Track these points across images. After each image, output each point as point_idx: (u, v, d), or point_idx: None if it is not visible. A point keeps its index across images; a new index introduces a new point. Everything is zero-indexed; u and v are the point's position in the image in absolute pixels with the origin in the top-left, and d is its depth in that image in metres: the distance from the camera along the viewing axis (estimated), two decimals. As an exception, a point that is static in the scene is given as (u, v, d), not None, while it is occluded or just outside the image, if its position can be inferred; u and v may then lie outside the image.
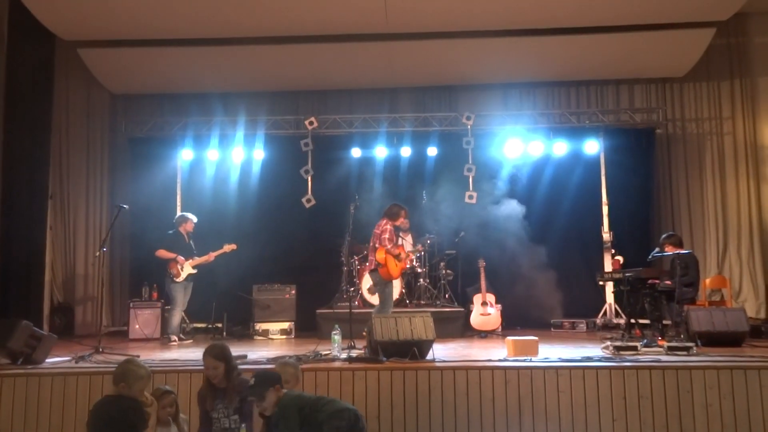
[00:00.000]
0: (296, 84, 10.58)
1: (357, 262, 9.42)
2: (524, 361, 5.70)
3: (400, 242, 8.62)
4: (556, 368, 5.41)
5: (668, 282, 7.83)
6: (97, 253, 7.57)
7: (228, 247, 8.54)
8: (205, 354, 4.51)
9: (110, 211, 10.02)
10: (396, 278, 7.72)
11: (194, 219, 8.86)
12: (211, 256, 8.60)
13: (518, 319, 9.63)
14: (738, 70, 10.29)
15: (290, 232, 9.88)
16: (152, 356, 6.59)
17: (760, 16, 10.07)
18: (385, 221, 7.53)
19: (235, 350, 6.61)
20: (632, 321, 8.12)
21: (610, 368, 5.37)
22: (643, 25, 9.22)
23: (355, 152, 10.20)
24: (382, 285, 7.44)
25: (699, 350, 6.24)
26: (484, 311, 8.90)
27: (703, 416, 5.15)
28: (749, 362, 5.47)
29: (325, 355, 6.16)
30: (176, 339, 8.35)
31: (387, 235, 7.42)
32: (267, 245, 9.83)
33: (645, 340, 6.60)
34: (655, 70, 10.27)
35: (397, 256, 7.45)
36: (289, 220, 9.88)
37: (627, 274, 8.03)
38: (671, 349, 6.12)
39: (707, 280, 9.30)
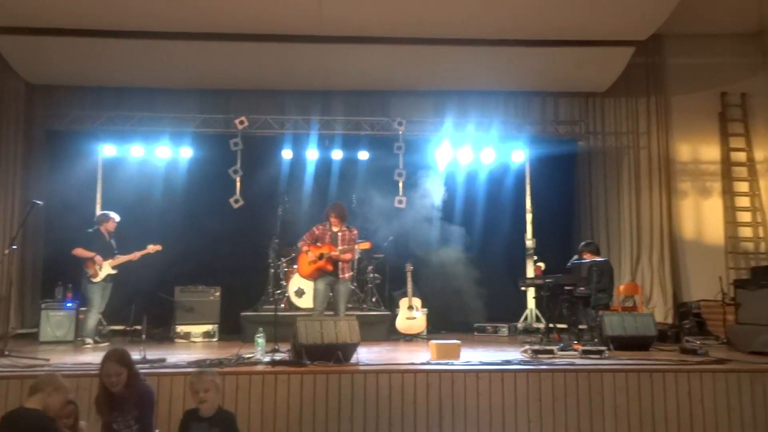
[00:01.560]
0: (227, 82, 10.43)
1: (284, 265, 9.35)
2: (446, 364, 5.81)
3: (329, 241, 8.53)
4: (477, 371, 5.55)
5: (585, 288, 8.16)
6: (6, 251, 7.20)
7: (152, 248, 8.29)
8: (105, 360, 4.16)
9: (23, 207, 9.56)
10: (304, 276, 7.68)
11: (116, 218, 8.56)
12: (136, 255, 8.33)
13: (443, 322, 9.81)
14: (654, 88, 10.84)
15: (217, 232, 9.73)
16: (64, 359, 6.35)
17: (675, 38, 10.67)
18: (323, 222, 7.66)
19: (154, 353, 6.48)
20: (551, 325, 8.42)
21: (527, 371, 5.56)
22: (568, 41, 9.60)
23: (286, 154, 10.14)
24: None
25: (611, 354, 6.54)
26: (410, 315, 9.01)
27: (612, 417, 5.41)
28: (655, 365, 5.78)
29: (248, 358, 6.10)
30: (91, 342, 8.06)
31: (310, 232, 7.53)
32: (192, 246, 9.65)
33: (562, 344, 6.85)
34: (578, 85, 10.70)
35: (319, 257, 7.44)
36: (216, 220, 9.72)
37: (547, 280, 8.32)
38: (585, 353, 6.38)
39: (621, 287, 9.74)
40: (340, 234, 7.53)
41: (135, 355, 5.93)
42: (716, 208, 10.69)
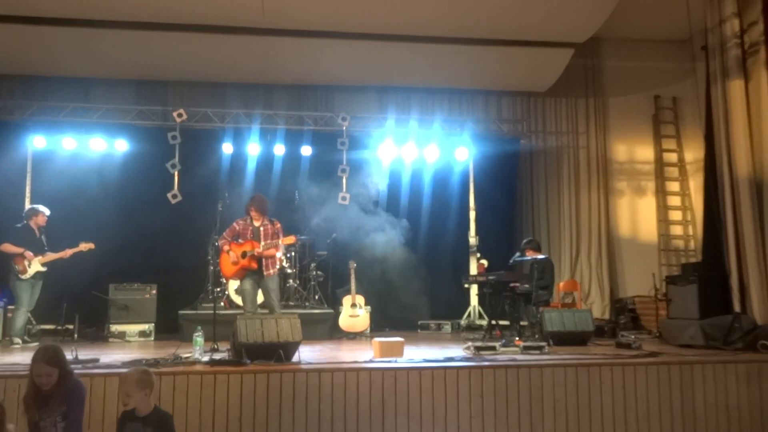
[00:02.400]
0: (165, 74, 10.18)
1: (225, 262, 9.22)
2: (390, 362, 5.82)
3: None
4: (420, 369, 5.58)
5: (526, 285, 8.33)
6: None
7: (85, 246, 7.97)
8: (35, 359, 4.03)
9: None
10: (228, 277, 7.54)
11: (46, 212, 8.23)
12: (67, 252, 8.02)
13: (387, 320, 9.85)
14: (592, 90, 11.19)
15: (153, 229, 9.50)
16: (-10, 360, 6.06)
17: (612, 42, 11.04)
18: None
19: (87, 353, 6.26)
20: (493, 322, 8.55)
21: (469, 368, 5.61)
22: (510, 41, 9.78)
23: (226, 148, 9.98)
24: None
25: (551, 349, 6.69)
26: (353, 313, 9.00)
27: (551, 411, 5.53)
28: (592, 360, 5.93)
29: (186, 358, 5.97)
30: (20, 341, 7.73)
31: (230, 228, 7.39)
32: (127, 242, 9.41)
33: (503, 341, 6.96)
34: (520, 84, 10.92)
35: (242, 255, 7.25)
36: (153, 216, 9.49)
37: (490, 278, 8.44)
38: (526, 349, 6.50)
39: (561, 284, 10.00)
40: (262, 228, 7.33)
41: (67, 355, 5.77)
42: (650, 206, 11.11)
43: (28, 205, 8.97)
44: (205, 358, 5.91)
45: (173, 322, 8.66)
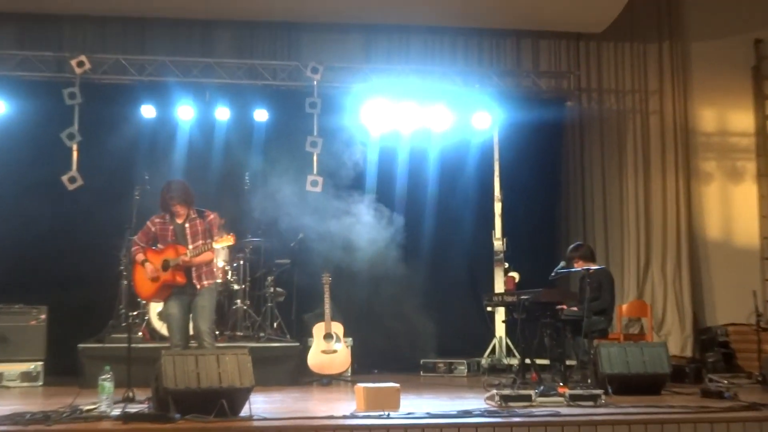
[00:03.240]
0: (59, 5, 10.13)
1: (144, 274, 9.19)
2: (380, 417, 5.79)
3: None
4: (423, 426, 5.54)
5: (575, 308, 8.32)
6: None
7: None
8: None
9: None
10: (146, 298, 7.50)
11: None
12: None
13: (375, 358, 9.84)
14: (668, 31, 11.21)
15: (42, 226, 9.47)
16: None
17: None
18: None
19: None
20: (527, 361, 8.55)
21: (494, 425, 5.58)
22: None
23: (147, 111, 9.97)
24: None
25: (609, 399, 6.68)
26: (328, 347, 8.99)
27: (610, 486, 5.54)
28: (668, 414, 5.93)
29: (89, 411, 5.93)
30: None
31: (144, 230, 7.30)
32: (5, 244, 9.38)
33: (542, 387, 6.95)
34: (565, 22, 10.92)
35: (163, 267, 7.07)
36: (41, 208, 9.43)
37: (523, 297, 8.42)
38: (574, 399, 6.51)
39: (624, 307, 9.98)
40: (188, 226, 7.23)
41: None
42: (749, 196, 11.17)
43: None
44: (116, 412, 5.89)
45: (70, 360, 8.55)
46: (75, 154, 9.50)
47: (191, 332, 7.36)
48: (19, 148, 9.76)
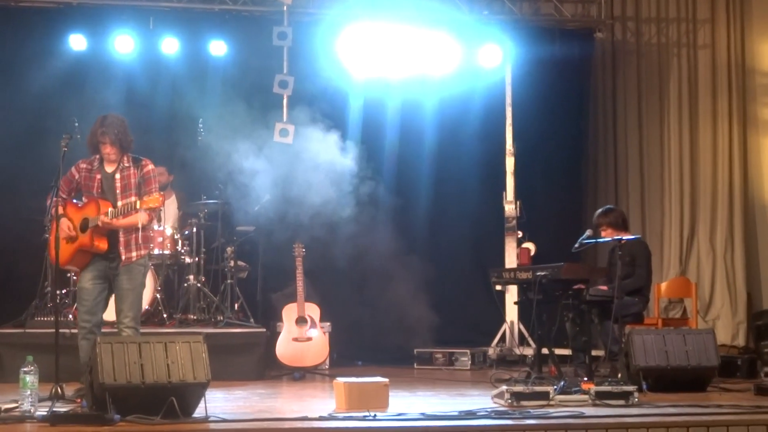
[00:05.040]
0: None
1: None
2: (364, 418, 5.83)
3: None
4: (416, 429, 5.63)
5: (603, 287, 8.38)
6: None
7: None
8: None
9: None
10: (62, 264, 7.08)
11: None
12: None
13: (359, 348, 10.00)
14: (722, -57, 11.21)
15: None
16: None
17: None
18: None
19: None
20: (545, 351, 8.63)
21: (503, 429, 5.64)
22: None
23: (76, 42, 10.02)
24: None
25: (644, 397, 6.76)
26: (301, 334, 9.05)
27: (644, 500, 5.64)
28: (715, 415, 5.98)
29: (8, 410, 5.97)
30: None
31: (67, 176, 7.03)
32: None
33: (562, 383, 7.02)
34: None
35: (81, 227, 6.82)
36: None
37: (539, 273, 8.47)
38: (601, 397, 6.56)
39: (663, 285, 10.06)
40: (119, 177, 6.96)
41: None
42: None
43: None
44: (42, 412, 5.92)
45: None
46: (-13, 97, 9.52)
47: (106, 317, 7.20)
48: None
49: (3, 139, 9.54)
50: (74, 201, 7.05)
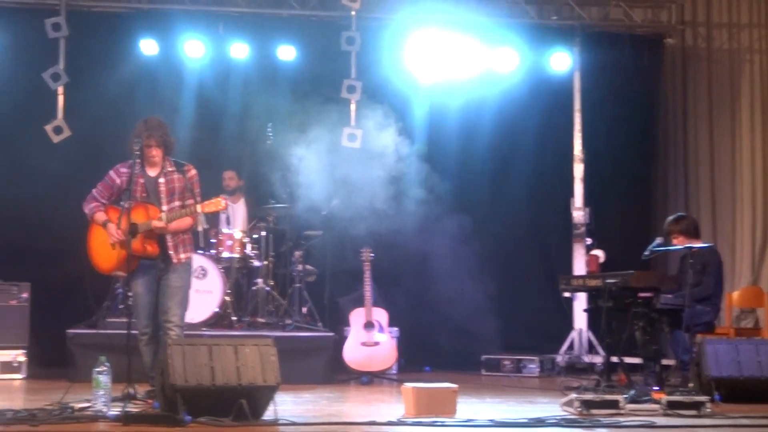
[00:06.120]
0: None
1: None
2: (433, 424, 5.88)
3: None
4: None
5: (673, 295, 8.33)
6: None
7: None
8: None
9: None
10: (106, 271, 7.10)
11: None
12: None
13: (427, 353, 10.02)
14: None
15: (23, 185, 9.69)
16: None
17: None
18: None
19: None
20: (614, 359, 8.61)
21: (573, 437, 5.72)
22: None
23: (147, 47, 10.14)
24: None
25: (716, 408, 6.70)
26: (369, 338, 9.09)
27: None
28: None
29: (82, 410, 6.09)
30: None
31: (106, 181, 7.08)
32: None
33: (633, 391, 7.01)
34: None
35: (130, 232, 6.66)
36: (21, 163, 9.68)
37: (609, 281, 8.46)
38: (673, 407, 6.53)
39: (735, 295, 9.99)
40: (162, 181, 6.97)
41: None
42: None
43: None
44: (114, 411, 6.01)
45: (58, 348, 8.78)
46: (61, 99, 9.68)
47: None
48: (-8, 90, 9.94)
49: (76, 142, 9.68)
50: (117, 206, 6.94)
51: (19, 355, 8.83)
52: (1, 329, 8.86)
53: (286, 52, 10.34)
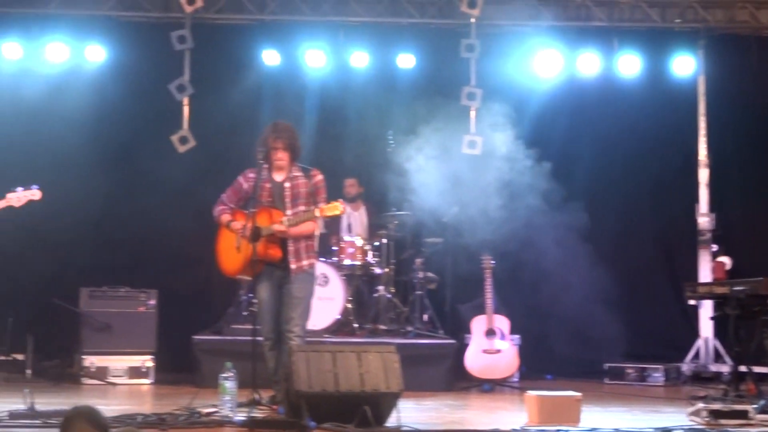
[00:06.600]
0: None
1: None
2: (557, 432, 5.94)
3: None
4: (611, 446, 5.68)
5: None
6: None
7: (19, 197, 7.11)
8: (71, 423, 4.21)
9: None
10: (231, 273, 7.20)
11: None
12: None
13: (549, 361, 10.00)
14: None
15: (150, 194, 9.88)
16: None
17: None
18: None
19: (47, 403, 6.40)
20: (743, 369, 8.46)
21: (701, 448, 5.66)
22: None
23: (269, 57, 10.32)
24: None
25: None
26: (490, 346, 9.09)
27: None
28: None
29: (209, 414, 6.24)
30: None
31: (234, 186, 7.17)
32: (107, 216, 9.86)
33: (763, 401, 6.89)
34: None
35: (253, 236, 6.74)
36: (148, 173, 9.84)
37: (737, 288, 8.33)
38: (805, 418, 6.44)
39: None
40: (288, 185, 6.96)
41: (19, 405, 6.13)
42: None
43: None
44: (240, 417, 6.15)
45: (183, 354, 9.01)
46: (186, 110, 9.89)
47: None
48: (119, 104, 10.17)
49: (200, 152, 9.90)
50: (244, 211, 6.99)
51: (146, 361, 9.07)
52: (130, 335, 9.08)
53: (406, 60, 10.40)
